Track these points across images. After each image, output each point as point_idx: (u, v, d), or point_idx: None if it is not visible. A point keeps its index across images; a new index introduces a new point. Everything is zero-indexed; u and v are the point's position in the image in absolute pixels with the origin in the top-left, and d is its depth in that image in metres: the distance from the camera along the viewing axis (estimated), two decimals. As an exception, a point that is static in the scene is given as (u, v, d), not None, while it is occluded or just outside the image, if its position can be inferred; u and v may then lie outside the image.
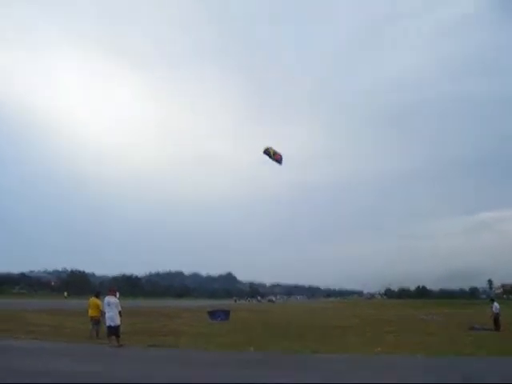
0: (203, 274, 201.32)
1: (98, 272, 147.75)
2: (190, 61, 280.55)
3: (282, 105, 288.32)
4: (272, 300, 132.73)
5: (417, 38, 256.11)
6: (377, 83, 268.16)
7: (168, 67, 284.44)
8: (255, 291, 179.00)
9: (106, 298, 14.56)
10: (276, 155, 19.88)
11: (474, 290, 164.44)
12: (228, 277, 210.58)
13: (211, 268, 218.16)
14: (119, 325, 14.05)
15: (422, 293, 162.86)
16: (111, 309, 14.06)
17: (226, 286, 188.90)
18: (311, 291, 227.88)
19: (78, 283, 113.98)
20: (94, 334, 16.24)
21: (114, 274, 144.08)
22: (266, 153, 19.73)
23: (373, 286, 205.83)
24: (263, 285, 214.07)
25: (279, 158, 20.00)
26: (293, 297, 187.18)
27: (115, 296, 15.27)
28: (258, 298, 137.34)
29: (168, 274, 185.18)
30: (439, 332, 22.58)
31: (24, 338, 15.55)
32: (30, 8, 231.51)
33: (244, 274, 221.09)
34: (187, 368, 10.73)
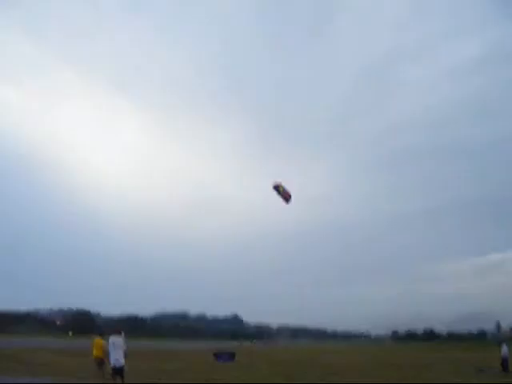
0: (209, 314, 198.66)
1: (103, 312, 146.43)
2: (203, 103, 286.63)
3: (289, 145, 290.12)
4: (278, 342, 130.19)
5: (422, 80, 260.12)
6: (384, 125, 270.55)
7: (179, 109, 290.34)
8: (261, 333, 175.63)
9: (111, 338, 14.54)
10: (285, 193, 18.95)
11: (482, 333, 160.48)
12: (234, 318, 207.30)
13: (217, 309, 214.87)
14: (124, 365, 14.12)
15: (429, 335, 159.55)
16: (116, 349, 14.05)
17: (232, 327, 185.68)
18: (318, 333, 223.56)
19: (83, 323, 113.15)
20: (101, 374, 16.21)
21: (119, 313, 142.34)
22: (275, 188, 18.79)
23: (380, 328, 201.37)
24: (270, 326, 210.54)
25: (288, 196, 19.04)
26: (299, 339, 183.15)
27: (120, 336, 15.36)
28: (264, 340, 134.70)
29: (174, 315, 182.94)
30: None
31: (24, 377, 15.57)
32: (43, 51, 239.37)
33: (250, 316, 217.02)
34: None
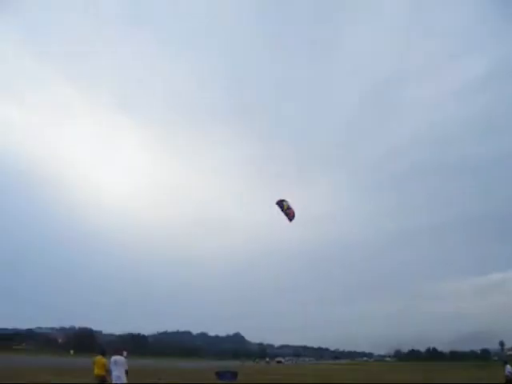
0: (211, 333, 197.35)
1: (105, 330, 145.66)
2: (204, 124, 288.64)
3: (292, 162, 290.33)
4: (281, 361, 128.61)
5: (427, 99, 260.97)
6: (390, 144, 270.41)
7: (179, 125, 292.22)
8: (264, 352, 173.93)
9: (113, 357, 14.63)
10: (289, 210, 18.80)
11: (485, 352, 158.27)
12: (236, 337, 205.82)
13: (219, 328, 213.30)
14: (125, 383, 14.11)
15: (432, 355, 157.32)
16: (118, 368, 14.10)
17: (234, 346, 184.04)
18: (320, 352, 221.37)
19: (85, 341, 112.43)
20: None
21: (121, 332, 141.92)
22: (278, 204, 18.71)
23: (383, 347, 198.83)
24: (272, 345, 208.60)
25: (292, 214, 18.86)
26: (301, 358, 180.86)
27: (122, 355, 15.38)
28: (267, 360, 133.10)
29: (176, 334, 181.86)
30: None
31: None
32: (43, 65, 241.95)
33: (252, 335, 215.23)
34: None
